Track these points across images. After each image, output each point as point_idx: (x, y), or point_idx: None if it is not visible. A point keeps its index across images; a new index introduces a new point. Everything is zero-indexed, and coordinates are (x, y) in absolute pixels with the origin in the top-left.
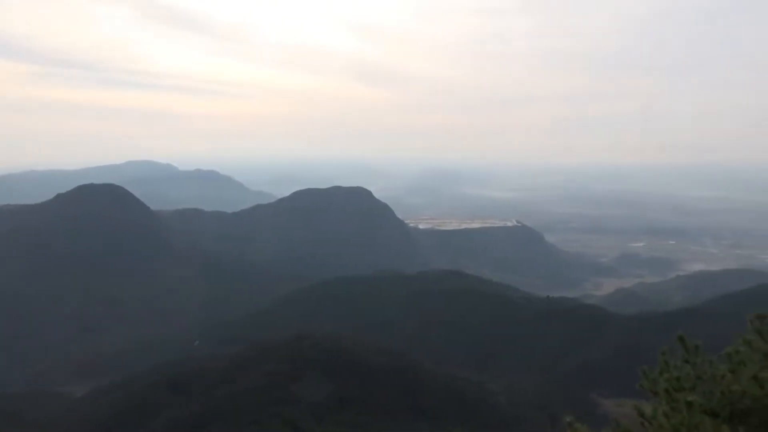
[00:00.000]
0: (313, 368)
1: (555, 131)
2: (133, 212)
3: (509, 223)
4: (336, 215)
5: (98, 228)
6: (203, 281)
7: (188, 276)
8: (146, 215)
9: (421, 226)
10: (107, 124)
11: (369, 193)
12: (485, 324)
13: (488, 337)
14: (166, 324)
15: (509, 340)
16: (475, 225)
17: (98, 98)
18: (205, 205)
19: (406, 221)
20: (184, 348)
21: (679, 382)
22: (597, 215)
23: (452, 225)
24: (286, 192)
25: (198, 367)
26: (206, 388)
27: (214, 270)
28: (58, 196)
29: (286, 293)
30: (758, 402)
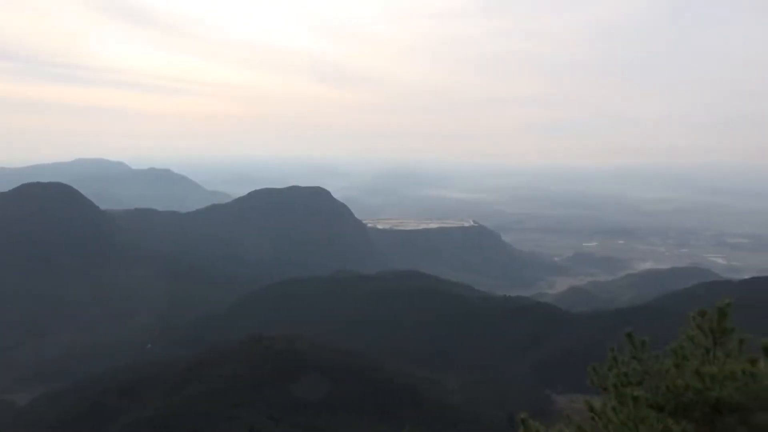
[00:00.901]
0: (270, 370)
1: (513, 134)
2: (82, 211)
3: (467, 224)
4: (294, 215)
5: (45, 228)
6: (157, 283)
7: (141, 277)
8: (96, 215)
9: (379, 227)
10: (55, 120)
11: (328, 193)
12: (443, 323)
13: (446, 335)
14: (117, 327)
15: (467, 339)
16: (433, 225)
17: (46, 93)
18: (159, 204)
19: (364, 222)
20: (137, 352)
21: (627, 377)
22: (552, 216)
23: (411, 225)
24: (243, 192)
25: (151, 372)
26: (160, 393)
27: (169, 271)
28: (1, 195)
29: (244, 294)
30: (700, 395)
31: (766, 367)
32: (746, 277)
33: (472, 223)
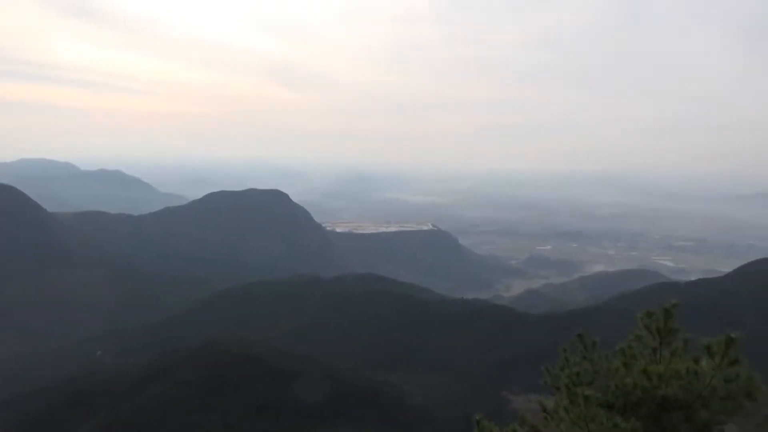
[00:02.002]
0: (227, 376)
1: (470, 138)
2: (27, 214)
3: (425, 227)
4: (252, 218)
5: None
6: (107, 287)
7: (90, 282)
8: (41, 217)
9: (338, 230)
10: None
11: (286, 196)
12: (401, 326)
13: (404, 338)
14: (64, 334)
15: (425, 342)
16: (392, 229)
17: None
18: (110, 207)
19: (323, 225)
20: (86, 359)
21: (578, 377)
22: (507, 219)
23: (369, 229)
24: (198, 194)
25: (102, 380)
26: (111, 401)
27: (120, 276)
28: None
29: (199, 299)
30: (647, 393)
31: (709, 366)
32: (692, 278)
33: (430, 226)
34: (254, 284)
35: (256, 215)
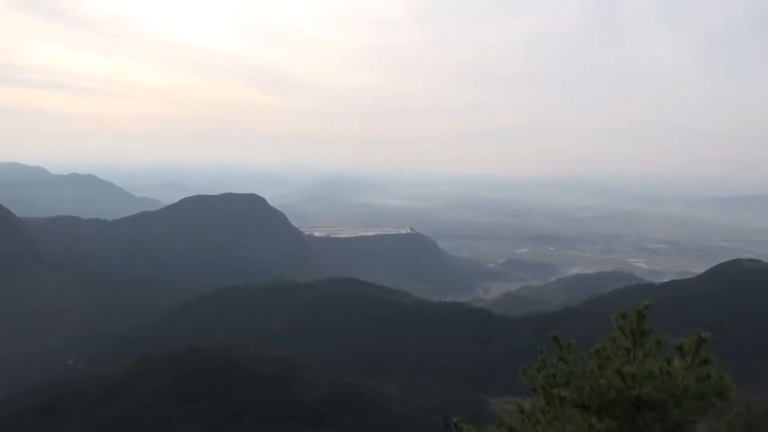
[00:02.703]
0: (205, 382)
1: (448, 142)
2: None
3: (403, 231)
4: (229, 223)
5: None
6: (80, 294)
7: (63, 288)
8: (12, 222)
9: (316, 234)
10: None
11: (263, 200)
12: (380, 330)
13: (383, 342)
14: (36, 342)
15: (404, 345)
16: (370, 233)
17: None
18: (83, 212)
19: (301, 229)
20: (58, 368)
21: (554, 378)
22: (485, 223)
23: (347, 233)
24: (173, 199)
25: (75, 387)
26: (84, 410)
27: (94, 282)
28: None
29: (175, 305)
30: (621, 394)
31: (681, 366)
32: (666, 279)
33: (408, 230)
34: (231, 289)
35: (232, 220)
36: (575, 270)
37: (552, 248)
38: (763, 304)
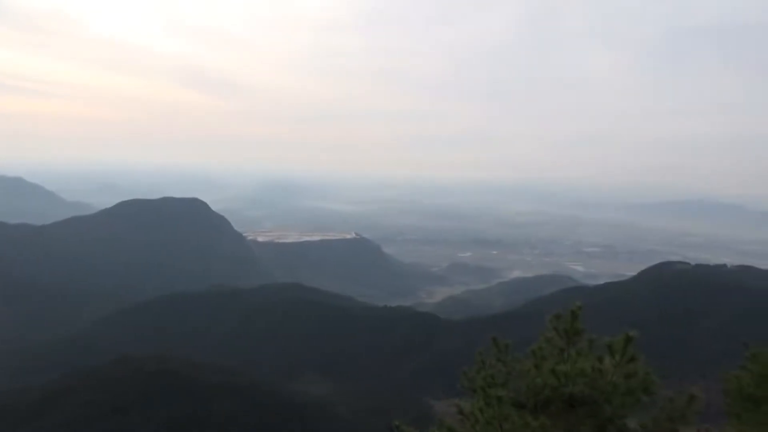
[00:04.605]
0: (139, 394)
1: (392, 147)
2: None
3: (348, 236)
4: (168, 228)
5: None
6: (4, 304)
7: None
8: None
9: (260, 239)
10: None
11: (205, 204)
12: (325, 335)
13: (328, 347)
14: None
15: (349, 350)
16: (315, 237)
17: None
18: (9, 216)
19: (244, 234)
20: None
21: (493, 379)
22: (428, 227)
23: (292, 238)
24: (108, 202)
25: None
26: (9, 429)
27: (20, 291)
28: None
29: (110, 314)
30: (556, 392)
31: (611, 364)
32: (601, 282)
33: (354, 234)
34: (170, 297)
35: (172, 224)
36: (516, 273)
37: (494, 252)
38: (690, 304)
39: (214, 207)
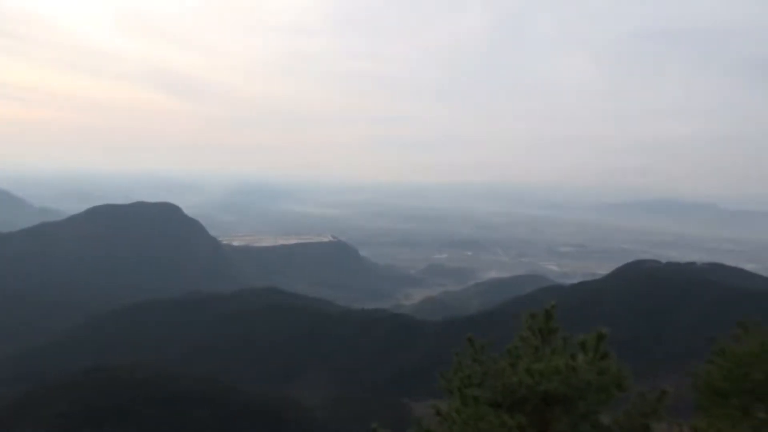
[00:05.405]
0: (111, 404)
1: (367, 150)
2: None
3: (324, 239)
4: (141, 234)
5: None
6: None
7: None
8: None
9: (235, 243)
10: None
11: (178, 209)
12: (302, 339)
13: (305, 351)
14: None
15: (327, 354)
16: (291, 241)
17: None
18: None
19: (219, 239)
20: None
21: (470, 379)
22: (404, 230)
23: (267, 242)
24: (78, 208)
25: None
26: None
27: None
28: None
29: (81, 323)
30: (531, 390)
31: (584, 361)
32: (575, 281)
33: (330, 238)
34: (144, 303)
35: (144, 230)
36: (492, 274)
37: (469, 253)
38: (661, 301)
39: (188, 212)
